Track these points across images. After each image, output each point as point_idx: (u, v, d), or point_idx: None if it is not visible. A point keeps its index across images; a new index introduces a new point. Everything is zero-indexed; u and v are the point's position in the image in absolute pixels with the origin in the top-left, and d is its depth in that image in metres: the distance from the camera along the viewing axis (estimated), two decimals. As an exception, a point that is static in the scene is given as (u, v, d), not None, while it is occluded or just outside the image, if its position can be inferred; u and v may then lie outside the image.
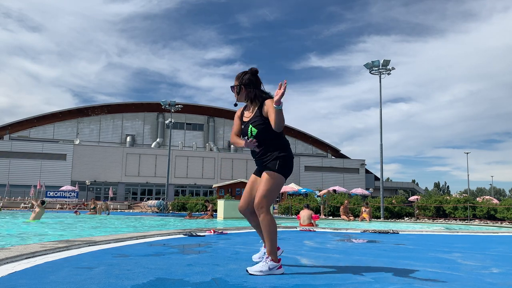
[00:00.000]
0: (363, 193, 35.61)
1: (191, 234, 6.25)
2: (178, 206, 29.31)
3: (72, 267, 2.92)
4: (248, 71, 3.08)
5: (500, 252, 4.71)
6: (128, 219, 16.64)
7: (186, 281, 2.48)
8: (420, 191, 70.29)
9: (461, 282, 2.64)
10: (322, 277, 2.70)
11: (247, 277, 2.64)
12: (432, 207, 20.56)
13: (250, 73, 3.07)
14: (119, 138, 58.32)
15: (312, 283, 2.49)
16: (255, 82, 3.06)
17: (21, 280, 2.41)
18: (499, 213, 18.32)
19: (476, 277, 2.86)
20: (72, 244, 4.14)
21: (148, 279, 2.50)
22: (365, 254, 4.17)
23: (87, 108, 57.75)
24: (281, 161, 2.93)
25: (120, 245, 4.50)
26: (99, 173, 50.01)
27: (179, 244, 4.88)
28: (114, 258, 3.48)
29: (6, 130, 53.41)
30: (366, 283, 2.51)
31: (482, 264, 3.59)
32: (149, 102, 58.78)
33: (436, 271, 3.08)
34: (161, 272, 2.79)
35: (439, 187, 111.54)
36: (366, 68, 22.32)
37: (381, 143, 21.91)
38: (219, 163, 54.88)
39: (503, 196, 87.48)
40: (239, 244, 5.03)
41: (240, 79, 3.08)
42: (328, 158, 62.18)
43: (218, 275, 2.71)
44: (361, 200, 23.44)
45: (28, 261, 3.15)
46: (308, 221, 11.52)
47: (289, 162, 2.99)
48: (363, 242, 5.89)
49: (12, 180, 44.55)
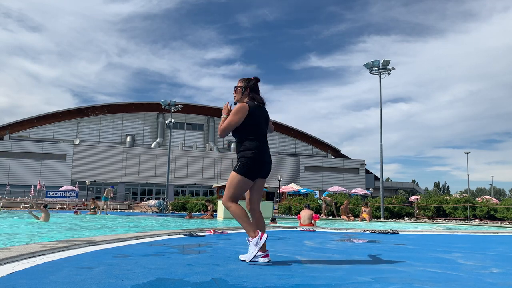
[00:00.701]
0: (363, 193, 35.61)
1: (191, 234, 6.25)
2: (178, 206, 29.32)
3: (72, 267, 2.92)
4: (253, 78, 3.54)
5: (500, 252, 4.71)
6: (127, 219, 16.63)
7: (186, 281, 2.48)
8: (420, 191, 70.30)
9: (461, 282, 2.64)
10: (322, 277, 2.70)
11: (247, 277, 2.64)
12: (432, 207, 20.56)
13: (255, 80, 3.54)
14: (119, 138, 58.33)
15: (312, 283, 2.49)
16: (256, 89, 3.54)
17: (21, 280, 2.41)
18: (499, 213, 18.32)
19: (476, 277, 2.86)
20: (72, 244, 4.14)
21: (148, 279, 2.50)
22: (365, 254, 4.17)
23: (87, 108, 57.77)
24: (242, 164, 3.34)
25: (120, 245, 4.50)
26: (99, 173, 50.02)
27: (179, 244, 4.88)
28: (114, 258, 3.48)
29: (6, 130, 53.43)
30: (366, 283, 2.51)
31: (482, 264, 3.59)
32: (149, 102, 58.80)
33: (436, 271, 3.08)
34: (161, 272, 2.79)
35: (439, 187, 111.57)
36: (366, 68, 22.32)
37: (381, 143, 21.91)
38: (219, 163, 54.90)
39: (503, 196, 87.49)
40: (239, 244, 5.03)
41: (246, 82, 3.51)
42: (328, 158, 62.19)
43: (218, 275, 2.71)
44: (361, 200, 23.45)
45: (28, 261, 3.15)
46: (309, 221, 11.52)
47: (249, 164, 3.32)
48: (363, 242, 5.89)
49: (12, 180, 44.56)
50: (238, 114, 3.33)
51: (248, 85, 3.48)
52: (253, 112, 3.38)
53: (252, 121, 3.37)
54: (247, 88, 3.47)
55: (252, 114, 3.37)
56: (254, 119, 3.39)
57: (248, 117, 3.35)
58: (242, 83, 3.50)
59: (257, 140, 3.39)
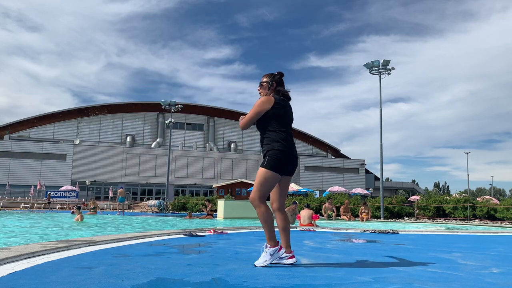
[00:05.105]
0: (363, 193, 35.60)
1: (191, 234, 6.25)
2: (178, 206, 29.31)
3: (72, 267, 2.92)
4: (278, 73, 3.50)
5: (500, 252, 4.71)
6: (129, 219, 16.63)
7: (186, 281, 2.48)
8: (420, 191, 70.29)
9: (461, 282, 2.64)
10: (322, 277, 2.70)
11: (247, 277, 2.64)
12: (432, 207, 20.56)
13: (280, 74, 3.49)
14: (119, 138, 58.33)
15: (312, 283, 2.49)
16: (282, 83, 3.50)
17: (21, 280, 2.41)
18: (499, 213, 18.32)
19: (476, 277, 2.86)
20: (72, 244, 4.14)
21: (148, 279, 2.50)
22: (365, 254, 4.17)
23: (87, 108, 57.76)
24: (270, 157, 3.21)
25: (120, 245, 4.50)
26: (99, 173, 50.02)
27: (179, 244, 4.88)
28: (114, 258, 3.48)
29: (6, 130, 53.42)
30: (366, 283, 2.51)
31: (482, 264, 3.59)
32: (149, 102, 58.78)
33: (436, 271, 3.08)
34: (161, 272, 2.79)
35: (439, 187, 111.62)
36: (366, 68, 22.32)
37: (381, 143, 21.91)
38: (219, 163, 54.89)
39: (503, 196, 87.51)
40: (239, 244, 5.04)
41: (271, 77, 3.47)
42: (328, 158, 62.19)
43: (218, 275, 2.71)
44: (360, 200, 23.44)
45: (28, 261, 3.15)
46: (308, 221, 11.52)
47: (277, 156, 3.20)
48: (363, 242, 5.89)
49: (12, 180, 44.56)
50: (263, 105, 3.27)
51: (274, 79, 3.44)
52: (278, 104, 3.31)
53: (278, 112, 3.29)
54: (273, 82, 3.42)
55: (278, 105, 3.30)
56: (280, 110, 3.30)
57: (274, 109, 3.27)
58: (268, 78, 3.45)
59: (284, 132, 3.29)
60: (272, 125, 3.28)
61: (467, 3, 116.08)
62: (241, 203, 18.53)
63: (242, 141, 62.62)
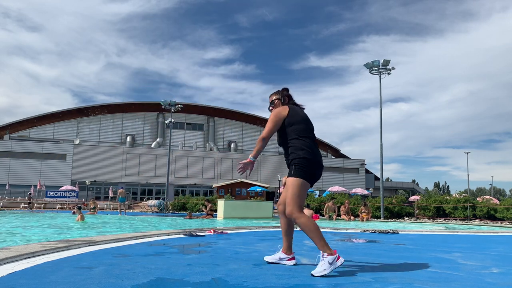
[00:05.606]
0: (363, 193, 35.59)
1: (191, 234, 6.25)
2: (178, 206, 29.30)
3: (72, 267, 2.92)
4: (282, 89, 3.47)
5: (500, 252, 4.71)
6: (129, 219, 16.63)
7: (186, 281, 2.48)
8: (420, 191, 70.29)
9: (461, 282, 2.64)
10: (322, 277, 2.70)
11: (247, 277, 2.64)
12: (432, 207, 20.56)
13: (285, 90, 3.46)
14: (119, 138, 58.33)
15: (312, 283, 2.49)
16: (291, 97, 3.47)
17: (21, 280, 2.41)
18: (499, 213, 18.33)
19: (476, 277, 2.86)
20: (72, 244, 4.14)
21: (148, 279, 2.50)
22: (365, 254, 4.17)
23: (87, 108, 57.75)
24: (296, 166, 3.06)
25: (120, 245, 4.50)
26: (99, 173, 50.01)
27: (179, 244, 4.88)
28: (114, 258, 3.48)
29: (6, 130, 53.41)
30: (366, 283, 2.51)
31: (482, 264, 3.59)
32: (149, 102, 58.78)
33: (436, 271, 3.08)
34: (161, 272, 2.79)
35: (439, 187, 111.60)
36: (366, 68, 22.32)
37: (381, 143, 21.91)
38: (219, 163, 54.88)
39: (503, 196, 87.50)
40: (239, 244, 5.04)
41: (280, 93, 3.44)
42: (328, 158, 62.17)
43: (218, 275, 2.71)
44: (361, 200, 23.44)
45: (28, 261, 3.15)
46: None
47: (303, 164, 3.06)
48: (363, 242, 5.89)
49: (12, 180, 44.56)
50: (279, 115, 3.16)
51: (285, 94, 3.40)
52: (294, 110, 3.21)
53: (296, 119, 3.17)
54: (285, 97, 3.38)
55: (294, 112, 3.19)
56: (298, 117, 3.19)
57: (291, 117, 3.16)
58: (278, 95, 3.41)
59: (307, 138, 3.14)
60: (293, 133, 3.13)
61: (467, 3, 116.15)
62: (241, 203, 18.53)
63: (242, 141, 62.64)
